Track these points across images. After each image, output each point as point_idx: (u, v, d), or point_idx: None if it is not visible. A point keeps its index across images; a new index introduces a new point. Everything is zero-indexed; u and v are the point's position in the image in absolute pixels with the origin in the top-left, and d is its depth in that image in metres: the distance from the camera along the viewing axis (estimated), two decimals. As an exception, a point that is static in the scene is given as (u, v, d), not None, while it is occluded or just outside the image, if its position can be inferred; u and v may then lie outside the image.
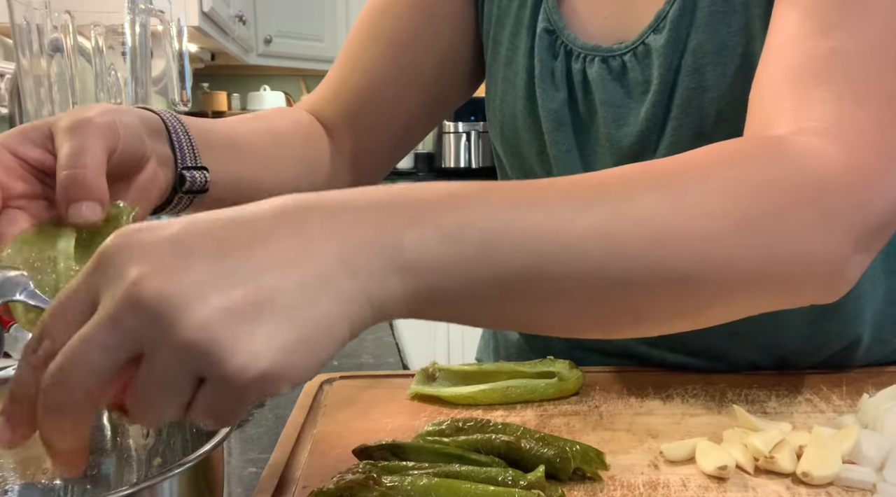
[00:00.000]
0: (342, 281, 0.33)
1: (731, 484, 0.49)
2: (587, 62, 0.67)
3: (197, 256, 0.32)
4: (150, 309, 0.30)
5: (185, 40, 0.99)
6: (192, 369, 0.31)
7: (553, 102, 0.68)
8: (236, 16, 2.62)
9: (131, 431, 0.50)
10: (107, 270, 0.32)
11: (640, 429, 0.58)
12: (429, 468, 0.47)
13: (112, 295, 0.31)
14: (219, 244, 0.32)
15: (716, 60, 0.61)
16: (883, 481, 0.48)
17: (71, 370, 0.31)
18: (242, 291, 0.31)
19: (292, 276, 0.32)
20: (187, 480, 0.39)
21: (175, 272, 0.31)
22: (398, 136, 0.81)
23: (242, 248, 0.32)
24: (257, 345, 0.31)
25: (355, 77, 0.78)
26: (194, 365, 0.31)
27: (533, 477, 0.46)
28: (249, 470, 0.57)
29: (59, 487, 0.48)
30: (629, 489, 0.48)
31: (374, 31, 0.78)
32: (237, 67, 3.40)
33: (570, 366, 0.65)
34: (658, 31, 0.63)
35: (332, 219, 0.35)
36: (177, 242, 0.32)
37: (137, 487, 0.36)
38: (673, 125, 0.63)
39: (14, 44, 0.92)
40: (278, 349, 0.31)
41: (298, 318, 0.32)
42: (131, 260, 0.31)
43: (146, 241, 0.32)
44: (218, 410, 0.32)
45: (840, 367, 0.69)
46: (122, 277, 0.31)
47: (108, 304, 0.31)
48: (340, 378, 0.69)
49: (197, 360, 0.31)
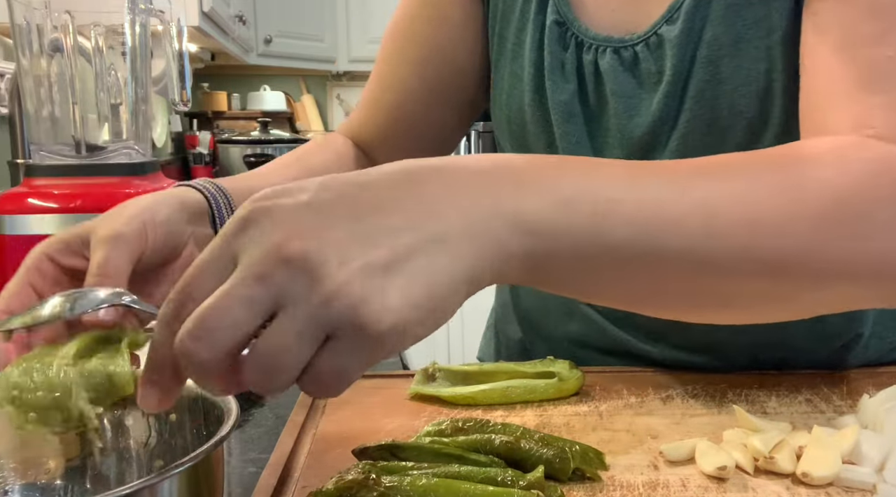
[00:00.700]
0: (464, 243, 0.35)
1: (730, 484, 0.49)
2: (599, 53, 0.67)
3: (335, 219, 0.34)
4: (295, 265, 0.32)
5: (185, 40, 0.99)
6: (327, 322, 0.33)
7: (563, 93, 0.68)
8: (236, 16, 2.62)
9: (132, 432, 0.50)
10: (249, 232, 0.34)
11: (639, 429, 0.57)
12: (428, 468, 0.47)
13: (256, 254, 0.33)
14: (353, 208, 0.35)
15: (732, 52, 0.61)
16: (883, 482, 0.48)
17: (213, 324, 0.32)
18: (377, 251, 0.33)
19: (420, 238, 0.34)
20: (187, 480, 0.39)
21: (316, 233, 0.33)
22: (433, 148, 0.85)
23: (374, 212, 0.35)
24: (391, 300, 0.33)
25: (386, 97, 0.82)
26: (331, 318, 0.32)
27: (532, 477, 0.46)
28: (249, 470, 0.57)
29: (59, 487, 0.48)
30: (628, 489, 0.48)
31: (398, 51, 0.81)
32: (237, 67, 3.40)
33: (571, 366, 0.65)
34: (671, 21, 0.63)
35: (451, 185, 0.37)
36: (315, 207, 0.34)
37: (137, 487, 0.36)
38: (686, 117, 0.63)
39: (14, 44, 0.92)
40: (409, 305, 0.33)
41: (426, 277, 0.34)
42: (274, 222, 0.33)
43: (286, 205, 0.34)
44: (342, 368, 0.34)
45: (839, 364, 0.69)
46: (266, 238, 0.33)
47: (251, 262, 0.33)
48: (340, 378, 0.69)
49: (335, 313, 0.32)
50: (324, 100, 3.87)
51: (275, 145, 2.71)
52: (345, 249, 0.33)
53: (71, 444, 0.48)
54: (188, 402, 0.47)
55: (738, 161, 0.46)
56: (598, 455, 0.50)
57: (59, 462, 0.48)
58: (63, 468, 0.48)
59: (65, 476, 0.48)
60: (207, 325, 0.32)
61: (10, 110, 1.50)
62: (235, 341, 0.33)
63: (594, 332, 0.73)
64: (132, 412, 0.48)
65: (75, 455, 0.48)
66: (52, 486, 0.48)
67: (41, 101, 0.93)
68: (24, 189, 0.90)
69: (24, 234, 0.87)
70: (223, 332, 0.33)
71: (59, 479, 0.48)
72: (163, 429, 0.49)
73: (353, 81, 3.85)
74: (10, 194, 0.90)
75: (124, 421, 0.49)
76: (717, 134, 0.62)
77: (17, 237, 0.87)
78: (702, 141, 0.63)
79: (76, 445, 0.48)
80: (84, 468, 0.48)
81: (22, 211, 0.87)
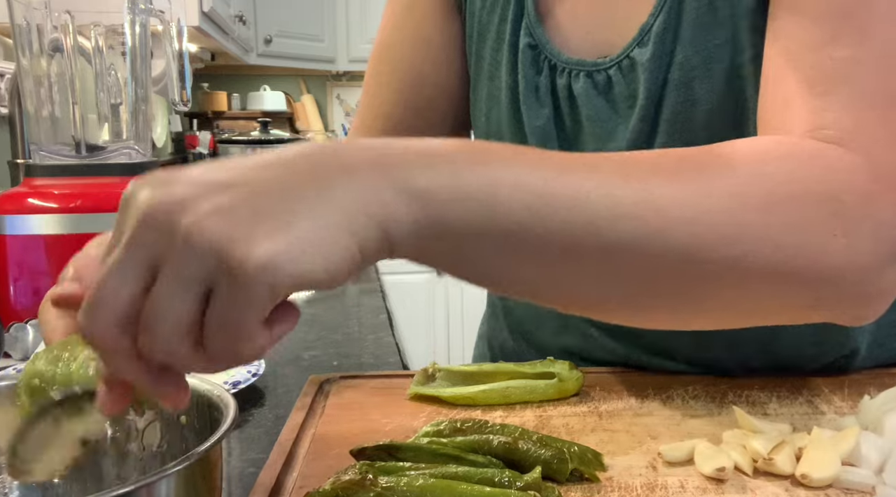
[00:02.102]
0: (346, 198, 0.35)
1: (729, 486, 0.49)
2: (572, 77, 0.66)
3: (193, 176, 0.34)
4: (155, 223, 0.33)
5: (185, 40, 0.99)
6: (197, 269, 0.32)
7: (539, 119, 0.67)
8: (236, 16, 2.62)
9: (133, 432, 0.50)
10: (127, 207, 0.34)
11: (639, 430, 0.57)
12: (425, 469, 0.47)
13: (129, 222, 0.34)
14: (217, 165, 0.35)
15: (703, 74, 0.60)
16: (882, 484, 0.48)
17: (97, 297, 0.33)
18: (235, 194, 0.33)
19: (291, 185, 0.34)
20: (185, 479, 0.38)
21: (169, 186, 0.33)
22: None
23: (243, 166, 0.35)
24: (257, 236, 0.32)
25: (378, 124, 0.82)
26: (199, 262, 0.32)
27: (529, 478, 0.46)
28: (249, 470, 0.57)
29: (59, 487, 0.48)
30: (627, 490, 0.48)
31: (383, 78, 0.81)
32: (237, 67, 3.40)
33: (570, 367, 0.65)
34: (643, 44, 0.62)
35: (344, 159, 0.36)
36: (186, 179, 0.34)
37: (135, 486, 0.36)
38: (661, 139, 0.62)
39: (14, 44, 0.92)
40: (279, 243, 0.32)
41: (297, 223, 0.33)
42: (147, 194, 0.34)
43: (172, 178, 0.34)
44: (230, 320, 0.33)
45: (839, 372, 0.69)
46: (140, 205, 0.33)
47: (122, 233, 0.34)
48: (340, 378, 0.69)
49: (199, 254, 0.32)
50: (324, 100, 3.87)
51: (275, 145, 2.72)
52: (197, 194, 0.33)
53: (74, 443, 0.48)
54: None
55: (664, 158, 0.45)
56: (596, 456, 0.50)
57: None
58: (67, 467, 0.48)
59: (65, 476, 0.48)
60: (93, 301, 0.33)
61: (10, 110, 1.50)
62: (120, 311, 0.33)
63: (590, 344, 0.73)
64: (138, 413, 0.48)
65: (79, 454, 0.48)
66: (52, 486, 0.48)
67: (41, 101, 0.93)
68: (24, 189, 0.91)
69: (24, 234, 0.87)
70: (107, 303, 0.33)
71: (59, 479, 0.48)
72: (164, 429, 0.49)
73: (353, 81, 3.85)
74: (10, 194, 0.90)
75: (127, 421, 0.49)
76: None
77: (17, 237, 0.87)
78: None
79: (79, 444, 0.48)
80: (84, 468, 0.48)
81: (22, 211, 0.87)
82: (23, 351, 0.83)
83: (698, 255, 0.42)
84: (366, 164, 0.36)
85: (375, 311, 1.12)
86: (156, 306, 0.33)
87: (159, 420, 0.48)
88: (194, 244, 0.32)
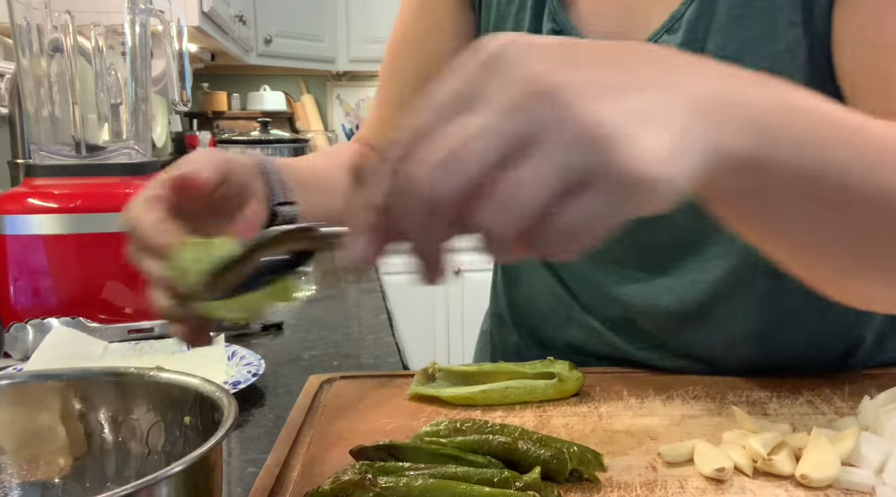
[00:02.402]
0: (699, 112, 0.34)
1: (728, 486, 0.49)
2: None
3: (582, 62, 0.32)
4: (549, 99, 0.31)
5: (185, 40, 0.99)
6: (581, 162, 0.31)
7: None
8: (236, 16, 2.62)
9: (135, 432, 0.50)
10: (497, 64, 0.32)
11: (639, 430, 0.57)
12: (425, 469, 0.47)
13: (508, 86, 0.31)
14: (602, 59, 0.34)
15: (736, 62, 0.61)
16: (882, 484, 0.48)
17: (463, 153, 0.31)
18: (626, 98, 0.32)
19: (662, 97, 0.33)
20: (185, 480, 0.38)
21: (574, 70, 0.32)
22: None
23: (623, 67, 0.34)
24: (647, 144, 0.31)
25: (396, 117, 0.84)
26: (586, 157, 0.30)
27: (529, 478, 0.46)
28: (249, 470, 0.57)
29: (59, 486, 0.48)
30: (626, 491, 0.48)
31: (400, 70, 0.83)
32: (237, 67, 3.40)
33: (570, 367, 0.65)
34: (672, 31, 0.63)
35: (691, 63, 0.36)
36: (566, 49, 0.33)
37: (135, 487, 0.36)
38: None
39: (14, 44, 0.92)
40: (664, 152, 0.31)
41: (677, 132, 0.32)
42: (526, 57, 0.32)
43: (538, 43, 0.33)
44: (591, 216, 0.31)
45: (841, 370, 0.69)
46: (518, 71, 0.31)
47: (504, 95, 0.31)
48: (340, 378, 0.69)
49: (590, 152, 0.30)
50: (324, 100, 3.87)
51: (275, 145, 2.71)
52: (602, 89, 0.31)
53: (79, 442, 0.48)
54: (188, 403, 0.47)
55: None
56: (596, 456, 0.50)
57: (68, 459, 0.48)
58: (71, 466, 0.48)
59: (65, 476, 0.48)
60: (457, 155, 0.31)
61: (10, 110, 1.51)
62: (480, 175, 0.31)
63: (593, 338, 0.73)
64: (139, 412, 0.48)
65: (82, 453, 0.48)
66: (52, 486, 0.48)
67: (41, 101, 0.93)
68: (24, 189, 0.91)
69: (24, 234, 0.87)
70: (471, 163, 0.31)
71: (59, 479, 0.48)
72: (167, 430, 0.49)
73: (353, 81, 3.85)
74: (10, 194, 0.90)
75: (129, 421, 0.49)
76: None
77: (17, 237, 0.87)
78: None
79: (83, 443, 0.48)
80: (84, 468, 0.48)
81: (22, 211, 0.87)
82: (23, 351, 0.83)
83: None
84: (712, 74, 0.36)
85: (375, 311, 1.12)
86: (521, 183, 0.31)
87: (163, 421, 0.48)
88: (589, 138, 0.30)
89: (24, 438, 0.47)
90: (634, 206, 0.31)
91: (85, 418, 0.48)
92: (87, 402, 0.48)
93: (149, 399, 0.48)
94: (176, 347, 0.80)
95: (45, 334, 0.81)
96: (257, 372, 0.73)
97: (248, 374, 0.73)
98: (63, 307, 0.87)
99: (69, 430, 0.48)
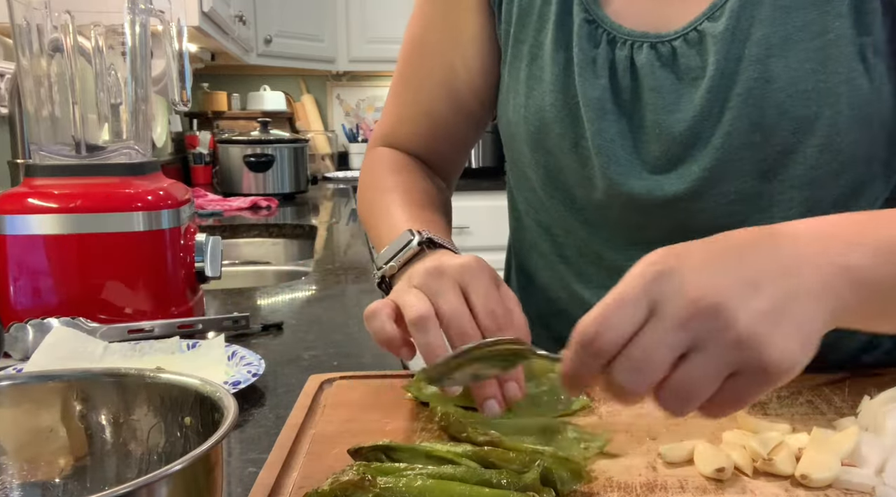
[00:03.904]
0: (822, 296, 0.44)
1: (728, 486, 0.49)
2: (634, 49, 0.67)
3: (726, 275, 0.43)
4: (709, 316, 0.41)
5: (185, 40, 0.99)
6: (736, 362, 0.41)
7: (595, 90, 0.69)
8: (236, 16, 2.62)
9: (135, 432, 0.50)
10: (666, 285, 0.42)
11: (639, 430, 0.57)
12: (422, 470, 0.47)
13: (678, 305, 0.42)
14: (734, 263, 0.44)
15: (781, 52, 0.62)
16: (882, 484, 0.48)
17: (646, 362, 0.42)
18: (762, 300, 0.42)
19: (788, 290, 0.43)
20: (185, 479, 0.38)
21: (719, 289, 0.42)
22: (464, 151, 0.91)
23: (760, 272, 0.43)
24: (787, 345, 0.41)
25: (423, 121, 0.86)
26: (738, 358, 0.41)
27: (528, 479, 0.46)
28: (249, 470, 0.57)
29: (59, 486, 0.48)
30: (626, 491, 0.48)
31: (417, 70, 0.85)
32: (237, 67, 3.40)
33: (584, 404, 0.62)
34: (713, 19, 0.64)
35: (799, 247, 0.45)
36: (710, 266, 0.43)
37: (135, 486, 0.36)
38: (732, 114, 0.64)
39: (14, 44, 0.92)
40: (798, 348, 0.42)
41: (803, 325, 0.42)
42: (685, 278, 0.42)
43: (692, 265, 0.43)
44: (742, 397, 0.43)
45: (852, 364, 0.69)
46: (684, 291, 0.42)
47: (674, 312, 0.42)
48: (340, 378, 0.69)
49: (742, 354, 0.41)
50: (324, 100, 3.87)
51: (275, 145, 2.71)
52: (740, 299, 0.42)
53: (79, 442, 0.48)
54: (189, 403, 0.47)
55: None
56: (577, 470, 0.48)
57: (68, 460, 0.48)
58: (72, 466, 0.48)
59: (66, 476, 0.48)
60: (641, 365, 0.42)
61: (10, 110, 1.51)
62: (654, 376, 0.42)
63: None
64: (140, 413, 0.48)
65: (83, 453, 0.48)
66: (52, 486, 0.48)
67: (41, 101, 0.93)
68: (24, 189, 0.90)
69: (24, 234, 0.87)
70: (653, 368, 0.42)
71: (59, 479, 0.48)
72: (167, 430, 0.49)
73: (353, 81, 3.85)
74: (10, 194, 0.90)
75: (130, 421, 0.49)
76: (761, 133, 0.63)
77: (17, 237, 0.87)
78: (746, 139, 0.64)
79: (84, 444, 0.48)
80: (84, 469, 0.48)
81: (22, 211, 0.87)
82: (23, 351, 0.83)
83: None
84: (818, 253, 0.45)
85: (375, 311, 1.12)
86: (695, 376, 0.42)
87: (163, 421, 0.48)
88: (742, 346, 0.41)
89: (24, 439, 0.47)
90: (773, 386, 0.42)
91: (86, 419, 0.48)
92: (88, 403, 0.48)
93: (149, 400, 0.48)
94: (175, 348, 0.80)
95: (45, 334, 0.81)
96: (257, 372, 0.73)
97: (248, 374, 0.73)
98: (63, 307, 0.87)
99: (70, 431, 0.48)
